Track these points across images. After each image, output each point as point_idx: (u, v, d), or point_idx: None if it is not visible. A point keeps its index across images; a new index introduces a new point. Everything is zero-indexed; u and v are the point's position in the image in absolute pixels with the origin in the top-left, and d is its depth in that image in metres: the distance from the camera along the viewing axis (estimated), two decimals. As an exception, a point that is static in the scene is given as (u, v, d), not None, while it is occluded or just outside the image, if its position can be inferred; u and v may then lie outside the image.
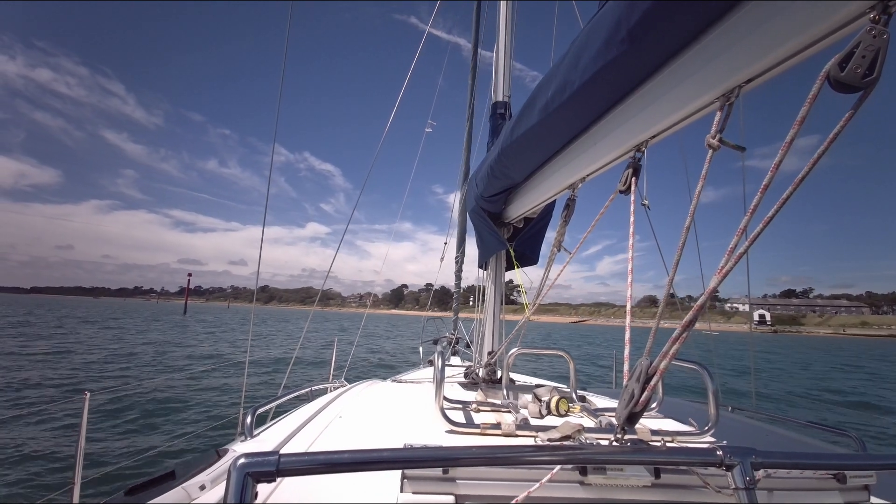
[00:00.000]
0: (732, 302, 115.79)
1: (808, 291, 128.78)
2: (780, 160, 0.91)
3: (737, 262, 0.96)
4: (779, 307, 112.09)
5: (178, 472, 1.30)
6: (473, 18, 5.18)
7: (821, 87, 0.83)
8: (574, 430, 1.31)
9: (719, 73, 1.02)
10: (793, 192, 0.87)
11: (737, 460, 0.86)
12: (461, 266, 5.21)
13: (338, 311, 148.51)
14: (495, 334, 2.97)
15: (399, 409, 1.99)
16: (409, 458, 0.85)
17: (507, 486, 1.10)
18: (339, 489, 1.13)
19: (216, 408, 7.16)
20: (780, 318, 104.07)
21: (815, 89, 0.84)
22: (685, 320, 1.01)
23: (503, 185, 2.50)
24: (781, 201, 0.88)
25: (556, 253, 1.98)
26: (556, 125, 1.69)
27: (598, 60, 1.29)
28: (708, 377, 1.63)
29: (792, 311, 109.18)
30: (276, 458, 0.70)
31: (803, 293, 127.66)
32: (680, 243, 1.12)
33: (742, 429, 2.00)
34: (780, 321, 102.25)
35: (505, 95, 3.44)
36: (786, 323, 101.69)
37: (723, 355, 22.97)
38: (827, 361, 25.49)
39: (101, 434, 5.57)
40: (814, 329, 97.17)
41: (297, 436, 1.59)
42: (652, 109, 1.27)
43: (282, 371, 7.63)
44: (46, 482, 4.15)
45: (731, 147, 1.07)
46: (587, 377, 12.71)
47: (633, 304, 1.32)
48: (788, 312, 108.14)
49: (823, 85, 0.83)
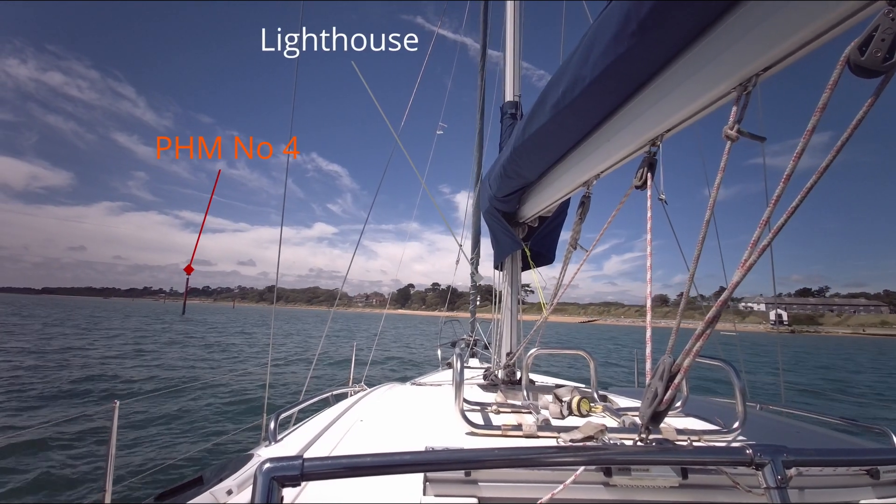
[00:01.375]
0: (747, 301, 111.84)
1: (825, 290, 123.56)
2: (802, 149, 0.88)
3: (760, 255, 0.93)
4: (795, 306, 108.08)
5: (205, 478, 1.33)
6: (481, 19, 5.17)
7: (841, 73, 0.81)
8: (597, 431, 1.29)
9: (736, 62, 1.00)
10: (816, 181, 0.85)
11: (767, 459, 0.83)
12: (476, 267, 5.20)
13: (344, 311, 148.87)
14: (513, 335, 2.95)
15: (419, 411, 2.00)
16: (431, 461, 0.85)
17: (530, 488, 1.09)
18: (363, 492, 1.13)
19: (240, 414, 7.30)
20: (798, 317, 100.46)
21: (836, 75, 0.82)
22: (708, 316, 0.99)
23: (517, 185, 2.49)
24: (805, 191, 0.86)
25: (572, 251, 1.96)
26: (569, 122, 1.68)
27: (609, 54, 1.28)
28: (734, 374, 1.59)
29: (809, 311, 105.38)
30: (300, 462, 0.71)
31: (819, 292, 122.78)
32: (700, 237, 1.09)
33: (771, 426, 1.94)
34: (797, 321, 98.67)
35: (515, 95, 3.43)
36: (803, 323, 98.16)
37: (742, 358, 22.32)
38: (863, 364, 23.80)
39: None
40: (832, 329, 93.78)
41: (320, 440, 1.61)
42: (666, 102, 1.25)
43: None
44: (77, 492, 4.29)
45: (750, 137, 1.04)
46: (608, 379, 12.51)
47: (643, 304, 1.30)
48: (805, 312, 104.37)
49: (844, 70, 0.80)
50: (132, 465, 4.81)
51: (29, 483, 4.34)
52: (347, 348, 4.46)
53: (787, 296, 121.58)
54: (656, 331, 1.21)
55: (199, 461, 4.82)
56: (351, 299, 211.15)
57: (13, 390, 8.01)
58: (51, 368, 10.48)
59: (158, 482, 4.01)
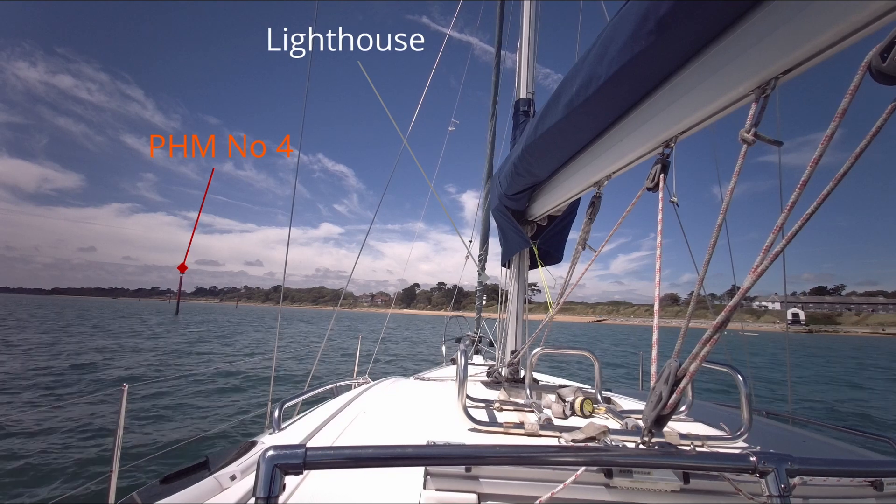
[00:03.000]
0: (761, 300, 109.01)
1: (840, 288, 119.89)
2: (819, 154, 0.86)
3: (773, 261, 0.92)
4: (812, 305, 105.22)
5: (210, 462, 1.35)
6: (497, 17, 5.15)
7: (862, 79, 0.79)
8: (599, 432, 1.29)
9: (755, 64, 0.98)
10: (833, 188, 0.83)
11: (771, 467, 0.82)
12: (484, 265, 5.19)
13: (349, 311, 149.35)
14: (518, 333, 2.95)
15: (422, 406, 2.01)
16: (432, 455, 0.86)
17: (531, 486, 1.09)
18: (363, 484, 1.14)
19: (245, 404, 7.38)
20: (815, 316, 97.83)
21: (857, 80, 0.80)
22: (717, 321, 0.98)
23: (527, 183, 2.48)
24: (821, 198, 0.84)
25: (580, 251, 1.95)
26: (582, 121, 1.66)
27: (625, 53, 1.26)
28: (741, 380, 1.57)
29: (826, 310, 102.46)
30: (303, 451, 0.71)
31: (835, 290, 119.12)
32: (711, 241, 1.08)
33: (776, 434, 1.92)
34: (814, 320, 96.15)
35: (528, 93, 3.41)
36: (820, 322, 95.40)
37: (755, 360, 21.62)
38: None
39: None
40: (851, 328, 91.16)
41: (323, 430, 1.62)
42: (682, 103, 1.23)
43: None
44: (84, 471, 4.37)
45: (768, 142, 1.02)
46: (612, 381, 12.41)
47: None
48: (822, 311, 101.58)
49: (865, 76, 0.79)
50: (138, 447, 4.91)
51: (32, 466, 4.43)
52: (341, 352, 4.48)
53: (803, 294, 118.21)
54: (665, 330, 1.20)
55: (204, 446, 4.91)
56: (356, 299, 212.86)
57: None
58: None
59: (165, 465, 4.09)
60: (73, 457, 4.67)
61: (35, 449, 4.81)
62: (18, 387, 8.05)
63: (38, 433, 5.33)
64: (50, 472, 4.34)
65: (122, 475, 2.56)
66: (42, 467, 4.41)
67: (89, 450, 4.90)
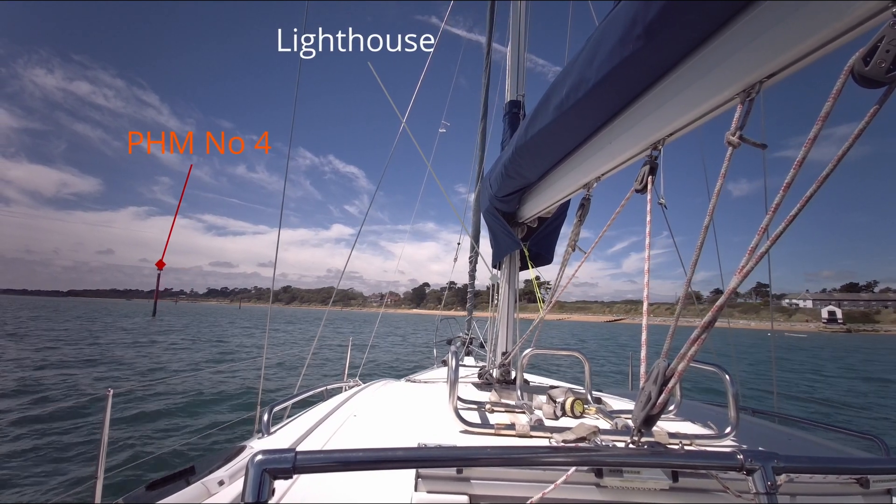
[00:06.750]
0: (791, 297, 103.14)
1: (873, 285, 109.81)
2: (803, 157, 0.88)
3: (758, 262, 0.93)
4: (846, 303, 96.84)
5: (197, 468, 1.33)
6: (487, 17, 5.15)
7: (845, 82, 0.81)
8: (589, 432, 1.30)
9: (740, 68, 1.00)
10: (816, 190, 0.85)
11: (758, 465, 0.84)
12: (475, 266, 5.19)
13: (358, 311, 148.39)
14: (509, 334, 2.95)
15: (413, 408, 2.00)
16: (423, 458, 0.86)
17: (522, 487, 1.09)
18: (354, 487, 1.14)
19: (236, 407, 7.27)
20: (851, 315, 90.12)
21: (840, 84, 0.82)
22: (704, 321, 0.99)
23: (517, 185, 2.49)
24: (804, 200, 0.86)
25: (570, 253, 1.96)
26: (572, 123, 1.68)
27: (614, 57, 1.27)
28: (728, 379, 1.60)
29: (862, 307, 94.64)
30: (292, 455, 0.71)
31: (867, 287, 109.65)
32: (698, 243, 1.09)
33: (763, 432, 1.95)
34: (850, 318, 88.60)
35: (519, 94, 3.42)
36: (858, 321, 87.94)
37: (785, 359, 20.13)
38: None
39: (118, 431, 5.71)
40: (892, 327, 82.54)
41: (313, 434, 1.61)
42: (669, 106, 1.24)
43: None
44: (68, 478, 4.27)
45: (752, 144, 1.04)
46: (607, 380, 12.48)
47: (671, 302, 1.29)
48: (858, 309, 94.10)
49: (847, 80, 0.80)
50: (124, 453, 4.81)
51: (18, 467, 4.33)
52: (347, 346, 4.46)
53: (834, 291, 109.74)
54: (678, 329, 1.20)
55: (191, 452, 4.82)
56: (366, 299, 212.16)
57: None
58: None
59: (150, 471, 4.01)
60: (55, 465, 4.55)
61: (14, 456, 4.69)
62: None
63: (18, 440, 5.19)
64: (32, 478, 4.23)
65: (108, 479, 2.51)
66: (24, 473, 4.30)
67: (73, 457, 4.79)
